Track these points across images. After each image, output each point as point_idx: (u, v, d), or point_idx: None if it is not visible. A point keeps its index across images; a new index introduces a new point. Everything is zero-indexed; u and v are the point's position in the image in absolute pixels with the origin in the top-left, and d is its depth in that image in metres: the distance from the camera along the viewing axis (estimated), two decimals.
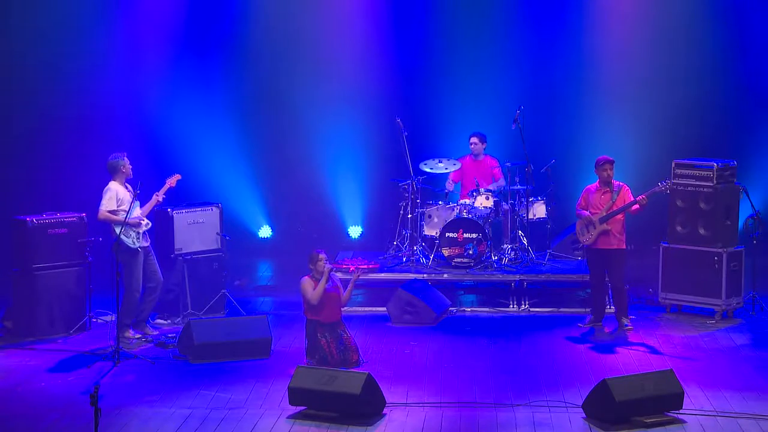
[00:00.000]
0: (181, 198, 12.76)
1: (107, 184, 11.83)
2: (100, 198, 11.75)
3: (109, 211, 11.69)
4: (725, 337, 12.00)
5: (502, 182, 14.14)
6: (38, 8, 15.15)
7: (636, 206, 12.05)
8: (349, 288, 11.22)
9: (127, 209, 11.67)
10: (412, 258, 13.87)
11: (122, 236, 11.57)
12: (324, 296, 10.95)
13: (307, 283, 11.03)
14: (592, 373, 10.62)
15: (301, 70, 15.87)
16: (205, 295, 12.82)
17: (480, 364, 11.07)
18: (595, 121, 15.69)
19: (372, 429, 9.24)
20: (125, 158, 11.86)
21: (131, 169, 11.88)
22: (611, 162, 12.21)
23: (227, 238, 13.08)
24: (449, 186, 14.25)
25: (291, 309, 13.09)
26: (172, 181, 12.20)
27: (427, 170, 14.00)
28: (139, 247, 11.82)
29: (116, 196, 11.73)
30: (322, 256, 11.05)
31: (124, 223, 11.56)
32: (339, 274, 11.83)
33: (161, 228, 12.62)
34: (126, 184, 11.89)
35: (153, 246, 12.34)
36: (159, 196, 12.08)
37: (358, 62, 15.95)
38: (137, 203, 11.86)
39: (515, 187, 13.90)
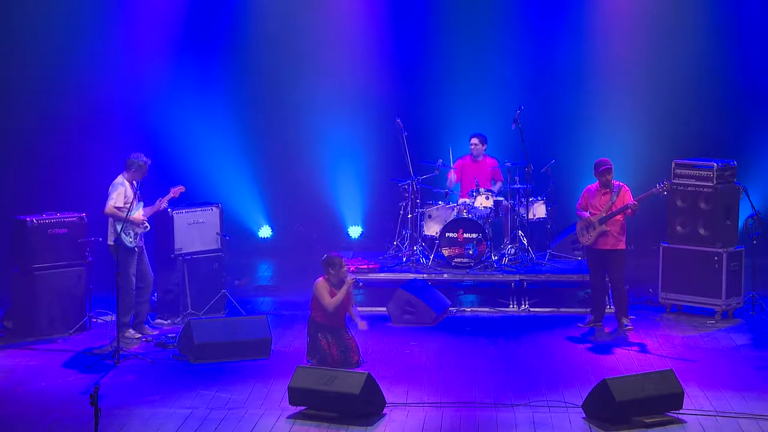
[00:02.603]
0: (181, 198, 12.76)
1: (116, 177, 11.88)
2: (105, 195, 11.78)
3: (116, 207, 11.71)
4: (725, 337, 12.00)
5: (500, 185, 14.12)
6: (38, 8, 15.14)
7: (629, 211, 12.03)
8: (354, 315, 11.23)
9: (129, 207, 11.71)
10: (412, 258, 13.86)
11: (122, 233, 11.60)
12: (339, 304, 10.93)
13: (322, 287, 10.93)
14: (592, 373, 10.61)
15: (301, 70, 15.88)
16: (205, 295, 12.81)
17: (480, 364, 11.06)
18: (595, 121, 15.70)
19: (372, 429, 9.24)
20: (147, 165, 11.86)
21: (142, 176, 11.88)
22: (610, 169, 12.17)
23: (227, 238, 13.08)
24: (451, 178, 14.20)
25: (291, 309, 13.10)
26: (175, 192, 12.23)
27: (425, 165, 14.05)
28: (136, 246, 11.85)
29: (124, 193, 11.76)
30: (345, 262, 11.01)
31: (126, 220, 11.59)
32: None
33: (161, 228, 12.61)
34: (133, 182, 11.92)
35: (153, 246, 12.42)
36: (162, 203, 12.12)
37: (358, 62, 15.96)
38: (141, 204, 11.90)
39: (515, 187, 13.90)
